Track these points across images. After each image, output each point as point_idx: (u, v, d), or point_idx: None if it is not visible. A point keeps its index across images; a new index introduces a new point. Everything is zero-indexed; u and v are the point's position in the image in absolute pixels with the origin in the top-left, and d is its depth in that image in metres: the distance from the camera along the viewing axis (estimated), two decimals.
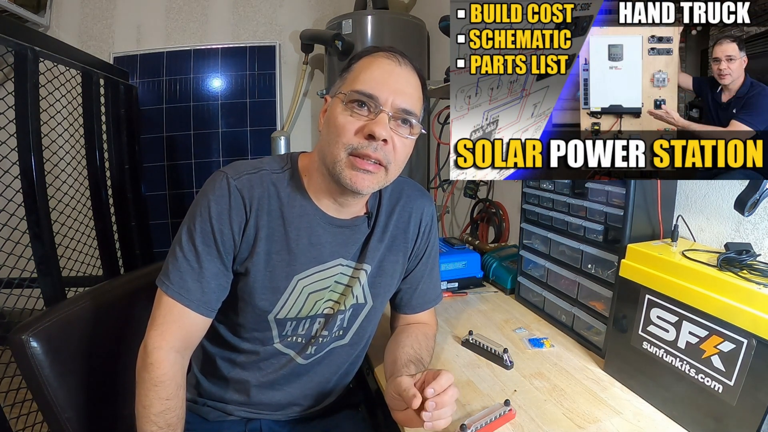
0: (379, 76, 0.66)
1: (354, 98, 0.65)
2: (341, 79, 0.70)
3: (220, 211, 0.66)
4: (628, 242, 0.78)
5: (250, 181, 0.69)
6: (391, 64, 0.67)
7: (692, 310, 0.63)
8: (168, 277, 0.67)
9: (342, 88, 0.68)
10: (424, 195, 0.84)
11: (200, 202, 0.68)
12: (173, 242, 0.69)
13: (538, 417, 0.68)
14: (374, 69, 0.66)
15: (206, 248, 0.67)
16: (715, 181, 0.82)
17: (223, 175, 0.68)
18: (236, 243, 0.68)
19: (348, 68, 0.70)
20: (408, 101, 0.66)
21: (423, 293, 0.85)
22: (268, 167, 0.72)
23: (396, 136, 0.66)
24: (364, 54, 0.70)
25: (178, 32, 2.47)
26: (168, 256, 0.69)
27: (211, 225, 0.66)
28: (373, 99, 0.64)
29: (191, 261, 0.66)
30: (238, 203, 0.67)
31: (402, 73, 0.67)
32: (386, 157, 0.66)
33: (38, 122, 1.32)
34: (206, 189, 0.68)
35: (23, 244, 1.31)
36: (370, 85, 0.65)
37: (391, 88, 0.65)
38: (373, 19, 2.13)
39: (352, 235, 0.75)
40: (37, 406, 0.69)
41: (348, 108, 0.65)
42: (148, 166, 2.40)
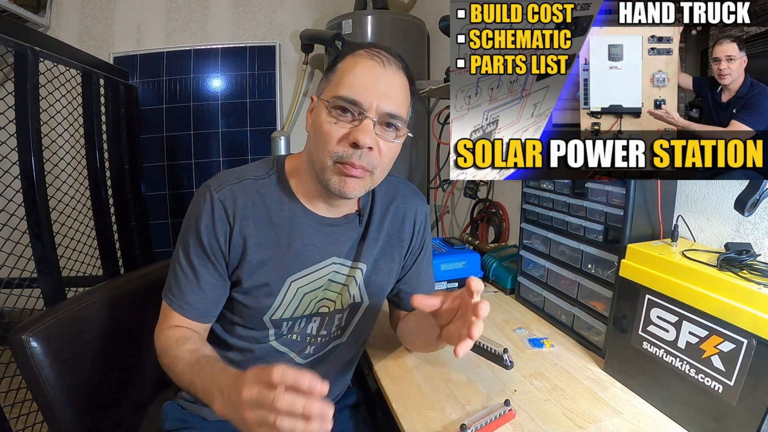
0: (363, 79, 0.63)
1: (337, 104, 0.63)
2: (326, 80, 0.68)
3: (206, 225, 0.68)
4: (628, 242, 0.78)
5: (233, 192, 0.69)
6: (375, 66, 0.64)
7: (692, 310, 0.63)
8: (171, 291, 0.71)
9: (326, 93, 0.66)
10: (417, 195, 0.85)
11: (190, 217, 0.70)
12: (172, 258, 0.72)
13: (538, 417, 0.68)
14: (357, 72, 0.64)
15: (201, 261, 0.69)
16: (715, 181, 0.82)
17: (207, 188, 0.70)
18: (224, 254, 0.70)
19: (332, 68, 0.67)
20: (393, 105, 0.64)
21: (423, 291, 0.85)
22: (252, 174, 0.72)
23: (381, 140, 0.65)
24: (348, 53, 0.67)
25: (178, 32, 2.47)
26: (169, 270, 0.72)
27: (201, 240, 0.68)
28: (357, 105, 0.62)
29: (189, 275, 0.69)
30: (221, 215, 0.68)
31: (386, 75, 0.65)
32: (371, 163, 0.65)
33: (38, 122, 1.32)
34: (193, 204, 0.70)
35: (23, 244, 1.31)
36: (354, 90, 0.63)
37: (375, 93, 0.63)
38: (373, 19, 2.13)
39: (343, 233, 0.75)
40: (37, 406, 0.69)
41: (332, 114, 0.64)
42: (148, 166, 2.40)
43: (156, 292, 0.92)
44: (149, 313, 0.91)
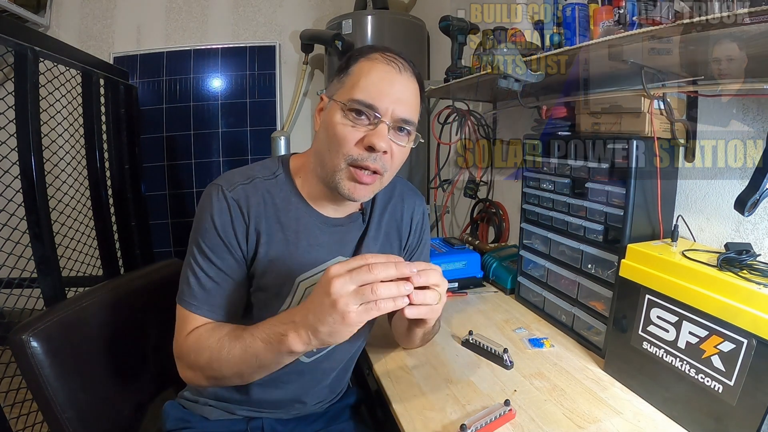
0: (380, 84, 0.64)
1: (353, 107, 0.64)
2: (339, 81, 0.68)
3: (223, 223, 0.67)
4: (628, 242, 0.78)
5: (245, 191, 0.69)
6: (392, 72, 0.65)
7: (692, 310, 0.63)
8: (193, 297, 0.67)
9: (341, 94, 0.66)
10: (416, 193, 0.86)
11: (203, 219, 0.68)
12: (186, 265, 0.69)
13: (538, 417, 0.68)
14: (374, 76, 0.65)
15: (223, 262, 0.68)
16: (715, 181, 0.82)
17: (218, 188, 0.69)
18: (243, 252, 0.69)
19: (346, 69, 0.68)
20: (407, 110, 0.66)
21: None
22: (259, 174, 0.72)
23: (394, 144, 0.66)
24: (362, 55, 0.68)
25: (178, 32, 2.47)
26: (185, 277, 0.69)
27: (221, 238, 0.67)
28: (373, 109, 0.64)
29: (213, 277, 0.68)
30: (237, 214, 0.68)
31: (402, 81, 0.66)
32: (384, 166, 0.66)
33: (38, 122, 1.31)
34: (205, 205, 0.69)
35: (23, 244, 1.31)
36: (371, 95, 0.64)
37: (391, 98, 0.64)
38: (373, 19, 2.13)
39: (348, 233, 0.77)
40: (37, 406, 0.69)
41: (347, 117, 0.65)
42: (148, 166, 2.40)
43: (156, 292, 0.92)
44: (149, 313, 0.91)
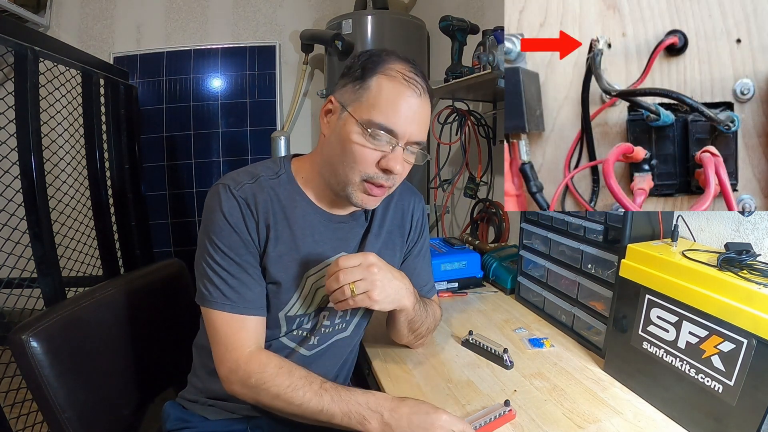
0: (401, 110, 0.65)
1: (374, 131, 0.65)
2: (354, 92, 0.67)
3: (235, 221, 0.68)
4: (628, 242, 0.78)
5: (252, 189, 0.70)
6: (413, 96, 0.66)
7: (692, 310, 0.63)
8: (225, 297, 0.68)
9: (358, 110, 0.66)
10: (415, 193, 0.90)
11: (215, 218, 0.68)
12: (203, 267, 0.69)
13: (538, 417, 0.68)
14: (395, 99, 0.65)
15: (241, 257, 0.69)
16: None
17: (225, 187, 0.69)
18: (256, 246, 0.70)
19: (362, 80, 0.67)
20: (422, 134, 0.69)
21: (417, 285, 0.85)
22: (263, 174, 0.73)
23: (406, 162, 0.70)
24: (380, 68, 0.67)
25: (178, 32, 2.47)
26: (206, 279, 0.69)
27: (238, 235, 0.68)
28: (393, 134, 0.66)
29: (235, 273, 0.68)
30: (247, 211, 0.69)
31: (421, 105, 0.68)
32: (395, 182, 0.71)
33: (38, 122, 1.31)
34: (214, 205, 0.69)
35: (23, 244, 1.31)
36: (392, 120, 0.65)
37: (412, 125, 0.67)
38: (373, 19, 2.13)
39: (351, 230, 0.79)
40: (37, 406, 0.69)
41: (365, 137, 0.66)
42: (148, 166, 2.40)
43: (156, 292, 0.92)
44: (149, 313, 0.91)
